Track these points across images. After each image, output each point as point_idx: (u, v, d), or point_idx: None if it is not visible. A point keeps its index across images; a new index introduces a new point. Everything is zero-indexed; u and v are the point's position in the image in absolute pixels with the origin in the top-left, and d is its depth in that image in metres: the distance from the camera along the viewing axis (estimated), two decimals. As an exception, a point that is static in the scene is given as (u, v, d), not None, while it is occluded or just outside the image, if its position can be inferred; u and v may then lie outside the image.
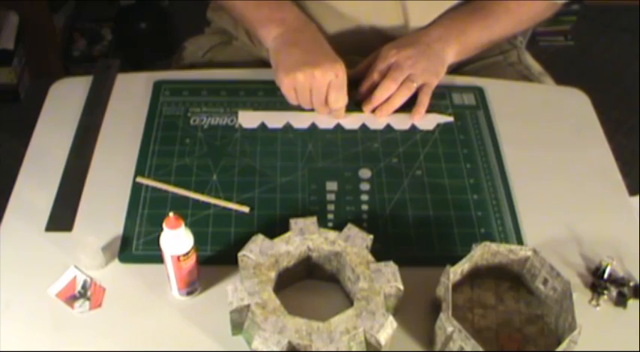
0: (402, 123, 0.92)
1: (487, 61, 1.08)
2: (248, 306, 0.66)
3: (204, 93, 0.95)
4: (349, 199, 0.83)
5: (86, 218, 0.80)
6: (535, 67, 1.10)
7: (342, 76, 0.87)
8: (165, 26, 2.10)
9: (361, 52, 0.98)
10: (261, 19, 0.94)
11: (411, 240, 0.79)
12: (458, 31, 0.96)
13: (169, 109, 0.93)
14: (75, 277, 0.73)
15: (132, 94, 0.95)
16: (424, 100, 0.92)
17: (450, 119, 0.93)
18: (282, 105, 0.94)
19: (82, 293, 0.72)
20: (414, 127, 0.92)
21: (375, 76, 0.92)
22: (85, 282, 0.73)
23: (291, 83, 0.88)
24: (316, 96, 0.88)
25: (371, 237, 0.73)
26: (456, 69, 1.05)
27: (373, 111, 0.93)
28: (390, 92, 0.91)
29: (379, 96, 0.91)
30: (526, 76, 1.06)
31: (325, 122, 0.92)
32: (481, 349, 0.63)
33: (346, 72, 0.87)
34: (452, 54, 0.95)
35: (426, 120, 0.92)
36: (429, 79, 0.92)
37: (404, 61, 0.91)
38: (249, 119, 0.92)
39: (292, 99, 0.91)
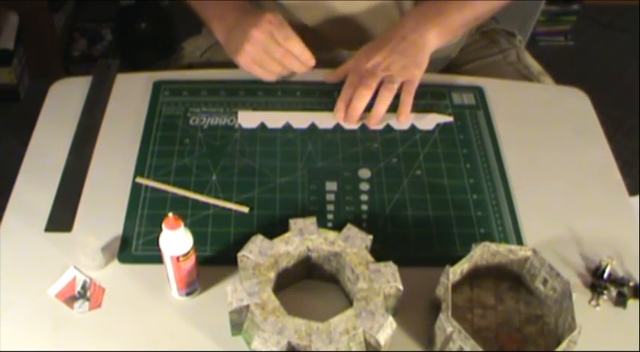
0: (401, 123, 0.92)
1: (486, 61, 1.08)
2: (247, 307, 0.66)
3: (204, 94, 0.95)
4: (349, 199, 0.83)
5: (86, 218, 0.80)
6: (535, 66, 1.10)
7: (275, 19, 0.87)
8: (165, 26, 2.11)
9: (349, 43, 0.98)
10: (209, 18, 0.96)
11: (411, 240, 0.79)
12: (434, 13, 0.93)
13: (169, 109, 0.93)
14: (74, 277, 0.73)
15: (131, 94, 0.95)
16: (407, 99, 0.89)
17: (450, 119, 0.93)
18: (282, 105, 0.94)
19: (82, 294, 0.72)
20: (413, 127, 0.91)
21: (350, 89, 0.90)
22: (84, 283, 0.73)
23: (247, 58, 0.89)
24: (271, 50, 0.88)
25: (370, 237, 0.73)
26: (455, 68, 1.05)
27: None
28: (364, 99, 0.88)
29: (356, 104, 0.89)
30: (525, 76, 1.06)
31: (325, 122, 0.92)
32: (480, 349, 0.63)
33: (282, 19, 0.88)
34: (433, 38, 0.92)
35: (425, 120, 0.92)
36: (409, 76, 0.89)
37: (377, 66, 0.89)
38: (248, 119, 0.92)
39: (263, 74, 0.91)
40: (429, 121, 0.92)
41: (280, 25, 0.88)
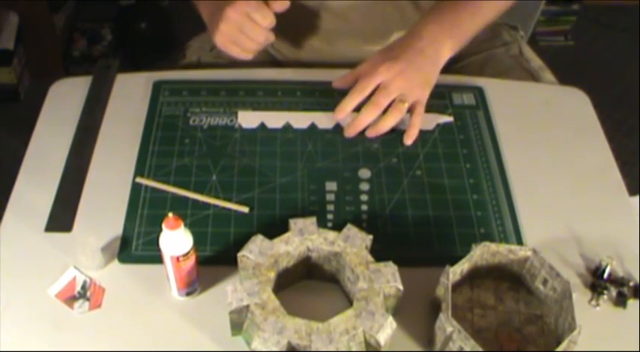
0: (401, 123, 0.91)
1: (489, 53, 1.07)
2: (247, 307, 0.66)
3: (204, 94, 0.95)
4: (349, 199, 0.83)
5: (86, 218, 0.80)
6: (535, 61, 1.09)
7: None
8: (165, 26, 2.11)
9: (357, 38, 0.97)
10: (197, 3, 0.96)
11: (411, 240, 0.79)
12: (450, 25, 0.92)
13: (169, 109, 0.93)
14: (74, 277, 0.73)
15: (131, 94, 0.95)
16: (416, 122, 0.88)
17: (450, 119, 0.93)
18: (282, 105, 0.94)
19: (82, 294, 0.72)
20: None
21: (359, 94, 0.88)
22: (84, 283, 0.73)
23: (222, 38, 0.88)
24: (247, 28, 0.87)
25: (370, 237, 0.73)
26: (457, 60, 1.05)
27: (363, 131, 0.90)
28: (373, 117, 0.87)
29: (362, 120, 0.87)
30: (526, 69, 1.06)
31: (325, 122, 0.92)
32: (480, 349, 0.63)
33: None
34: (447, 51, 0.91)
35: (425, 121, 0.92)
36: (420, 95, 0.88)
37: (392, 81, 0.87)
38: (248, 119, 0.92)
39: (239, 53, 0.90)
40: (429, 121, 0.92)
41: (257, 6, 0.87)
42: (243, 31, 0.87)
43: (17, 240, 0.77)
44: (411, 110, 0.89)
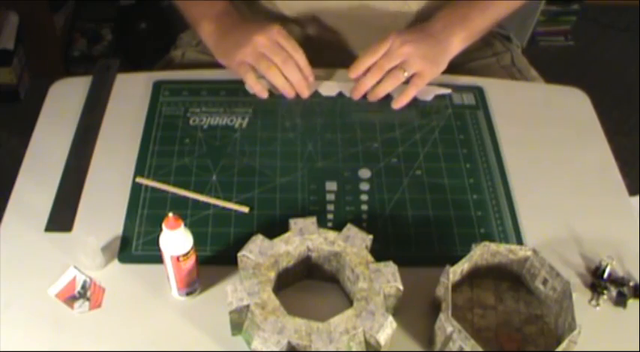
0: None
1: (479, 63, 1.07)
2: (247, 306, 0.66)
3: (204, 94, 0.95)
4: (349, 199, 0.83)
5: (86, 218, 0.80)
6: (529, 71, 1.09)
7: (283, 31, 0.89)
8: (165, 26, 2.10)
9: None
10: (196, 17, 0.98)
11: (411, 240, 0.79)
12: (461, 17, 0.94)
13: (169, 109, 0.93)
14: (75, 277, 0.73)
15: (131, 94, 0.95)
16: (410, 92, 0.91)
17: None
18: (283, 105, 0.94)
19: (82, 294, 0.72)
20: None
21: (372, 54, 0.91)
22: (84, 282, 0.73)
23: (240, 58, 0.90)
24: (273, 53, 0.89)
25: (370, 237, 0.73)
26: (447, 70, 1.05)
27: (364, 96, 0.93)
28: (374, 79, 0.90)
29: (365, 82, 0.91)
30: (517, 80, 1.06)
31: (328, 90, 0.95)
32: (480, 349, 0.63)
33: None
34: (458, 41, 0.93)
35: (423, 92, 0.93)
36: (424, 68, 0.90)
37: (398, 47, 0.89)
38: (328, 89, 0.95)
39: (252, 80, 0.92)
40: (427, 92, 0.94)
41: (288, 36, 0.90)
42: (269, 55, 0.89)
43: (17, 240, 0.77)
44: (410, 79, 0.91)
